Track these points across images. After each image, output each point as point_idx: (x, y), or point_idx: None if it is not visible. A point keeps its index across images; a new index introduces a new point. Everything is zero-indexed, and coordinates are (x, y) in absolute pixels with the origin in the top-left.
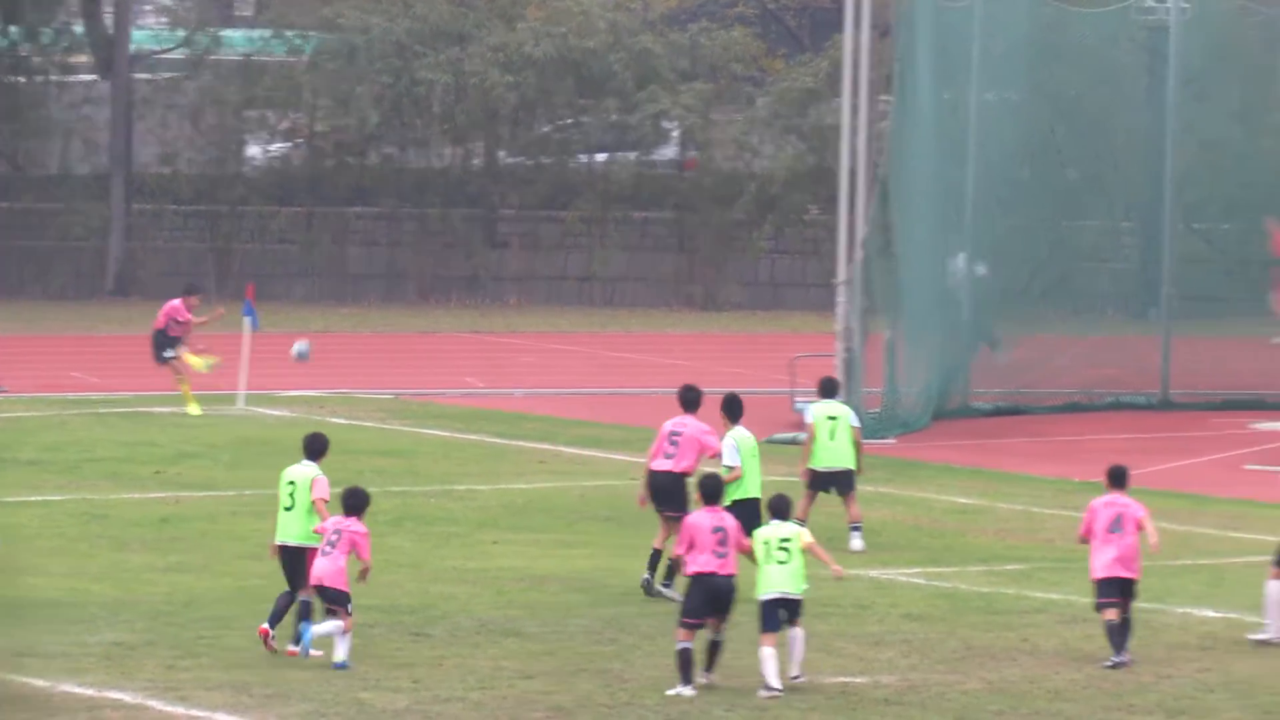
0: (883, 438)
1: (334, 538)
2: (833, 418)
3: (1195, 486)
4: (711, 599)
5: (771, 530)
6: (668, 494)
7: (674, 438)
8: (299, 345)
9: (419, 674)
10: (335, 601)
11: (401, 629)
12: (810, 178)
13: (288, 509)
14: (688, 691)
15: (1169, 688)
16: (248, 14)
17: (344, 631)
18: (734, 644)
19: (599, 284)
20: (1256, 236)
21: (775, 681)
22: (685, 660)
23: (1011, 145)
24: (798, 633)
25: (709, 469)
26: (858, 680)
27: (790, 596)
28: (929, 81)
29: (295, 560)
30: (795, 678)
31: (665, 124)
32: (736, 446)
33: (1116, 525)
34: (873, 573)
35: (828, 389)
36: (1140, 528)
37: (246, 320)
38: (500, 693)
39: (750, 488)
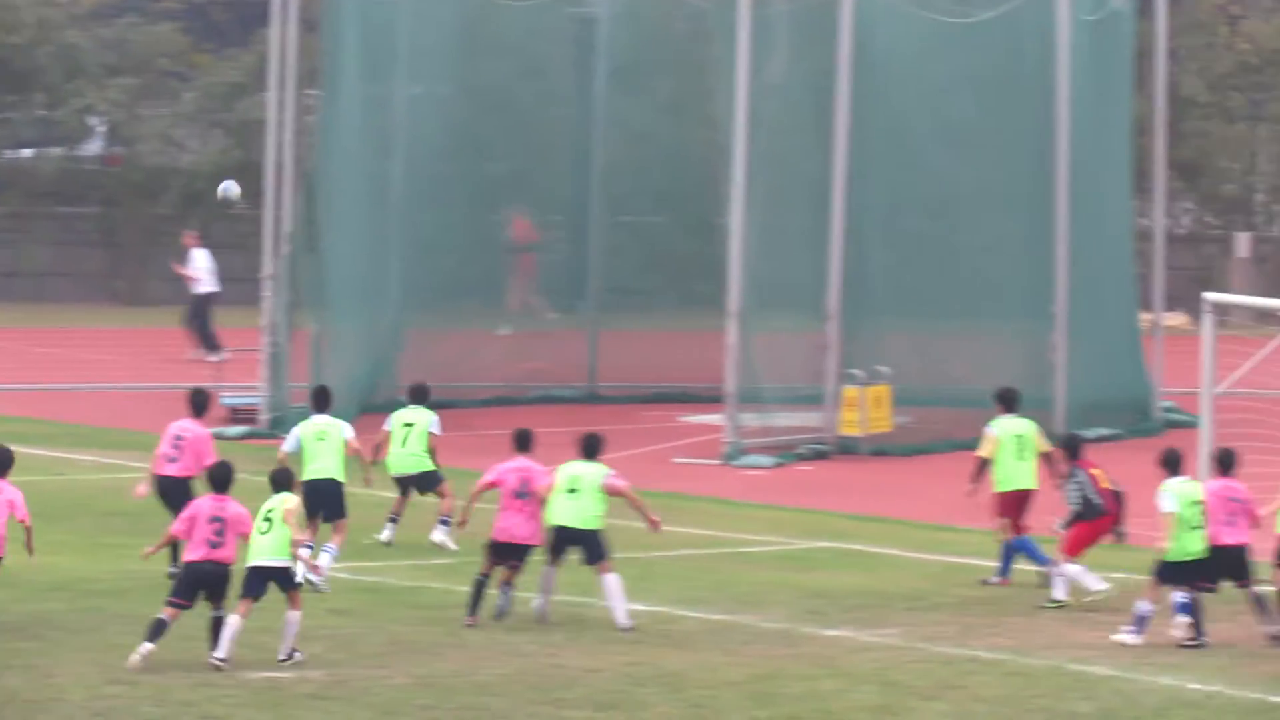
0: None
1: None
2: (408, 424)
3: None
4: (201, 585)
5: (267, 503)
6: (172, 498)
7: (178, 441)
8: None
9: None
10: None
11: None
12: (237, 172)
13: None
14: (146, 646)
15: (598, 681)
16: None
17: None
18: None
19: (25, 280)
20: (682, 229)
21: (222, 653)
22: (157, 628)
23: (439, 140)
24: (293, 616)
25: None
26: (284, 675)
27: (270, 565)
28: (356, 76)
29: None
30: (283, 659)
31: (91, 119)
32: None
33: (523, 490)
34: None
35: (417, 395)
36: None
37: None
38: None
39: (320, 470)
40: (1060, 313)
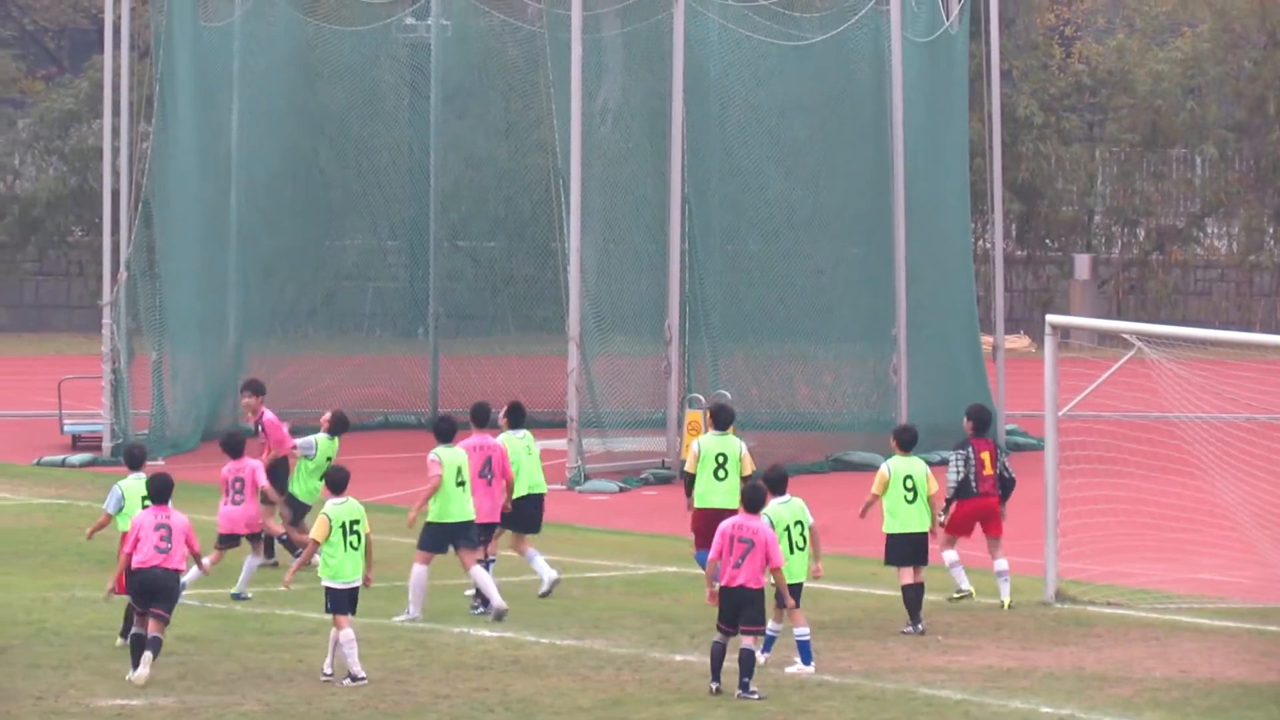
0: (153, 459)
1: None
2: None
3: None
4: (149, 590)
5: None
6: None
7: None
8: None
9: None
10: None
11: None
12: (73, 199)
13: None
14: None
15: (448, 708)
16: None
17: None
18: None
19: None
20: (519, 254)
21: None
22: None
23: (275, 165)
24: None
25: None
26: (134, 703)
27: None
28: (190, 101)
29: None
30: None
31: None
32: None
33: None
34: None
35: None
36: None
37: None
38: None
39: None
40: (901, 335)
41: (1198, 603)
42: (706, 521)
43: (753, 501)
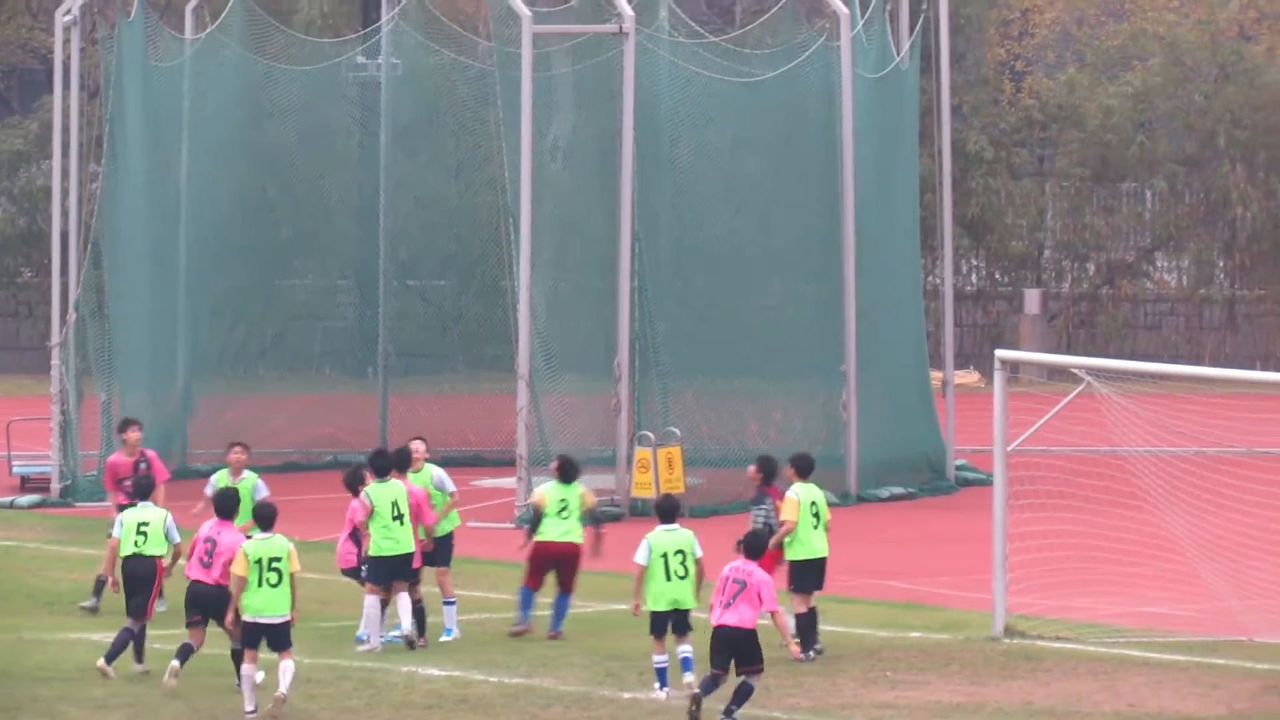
0: (102, 500)
1: None
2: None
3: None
4: (196, 604)
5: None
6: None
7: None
8: None
9: None
10: None
11: None
12: (22, 240)
13: None
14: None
15: None
16: None
17: None
18: None
19: None
20: (469, 292)
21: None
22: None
23: (225, 205)
24: (287, 664)
25: None
26: None
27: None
28: (140, 142)
29: None
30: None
31: None
32: None
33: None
34: (96, 636)
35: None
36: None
37: None
38: None
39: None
40: (850, 371)
41: (1146, 636)
42: (543, 555)
43: (751, 549)
